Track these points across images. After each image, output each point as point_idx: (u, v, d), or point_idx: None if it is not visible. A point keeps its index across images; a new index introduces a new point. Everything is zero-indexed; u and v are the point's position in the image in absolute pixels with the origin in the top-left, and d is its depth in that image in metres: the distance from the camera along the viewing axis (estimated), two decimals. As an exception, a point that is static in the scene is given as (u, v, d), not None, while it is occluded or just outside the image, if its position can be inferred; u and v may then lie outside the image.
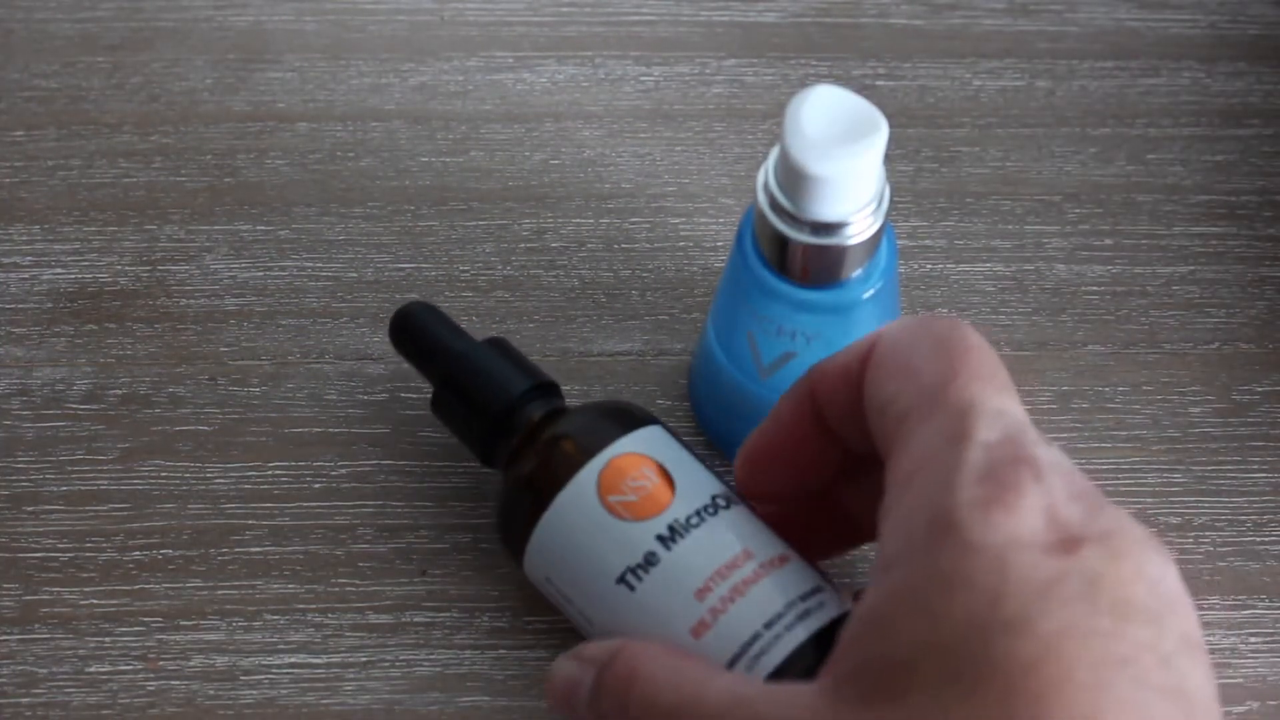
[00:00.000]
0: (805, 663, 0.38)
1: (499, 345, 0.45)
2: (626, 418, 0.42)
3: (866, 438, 0.37)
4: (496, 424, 0.44)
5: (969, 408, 0.33)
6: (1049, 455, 0.33)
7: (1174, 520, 0.47)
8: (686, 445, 0.43)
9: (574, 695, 0.38)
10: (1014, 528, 0.31)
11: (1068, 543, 0.32)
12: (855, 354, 0.37)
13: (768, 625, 0.38)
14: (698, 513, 0.40)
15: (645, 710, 0.35)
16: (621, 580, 0.40)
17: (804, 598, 0.39)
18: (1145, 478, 0.48)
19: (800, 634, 0.38)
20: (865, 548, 0.43)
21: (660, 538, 0.40)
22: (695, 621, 0.39)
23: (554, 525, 0.41)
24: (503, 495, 0.43)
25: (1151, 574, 0.32)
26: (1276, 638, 0.45)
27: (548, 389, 0.45)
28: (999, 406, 0.34)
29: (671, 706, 0.35)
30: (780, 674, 0.38)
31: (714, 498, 0.41)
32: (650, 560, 0.39)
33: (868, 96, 0.40)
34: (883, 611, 0.32)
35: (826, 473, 0.40)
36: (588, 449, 0.41)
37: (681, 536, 0.40)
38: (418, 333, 0.46)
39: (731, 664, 0.38)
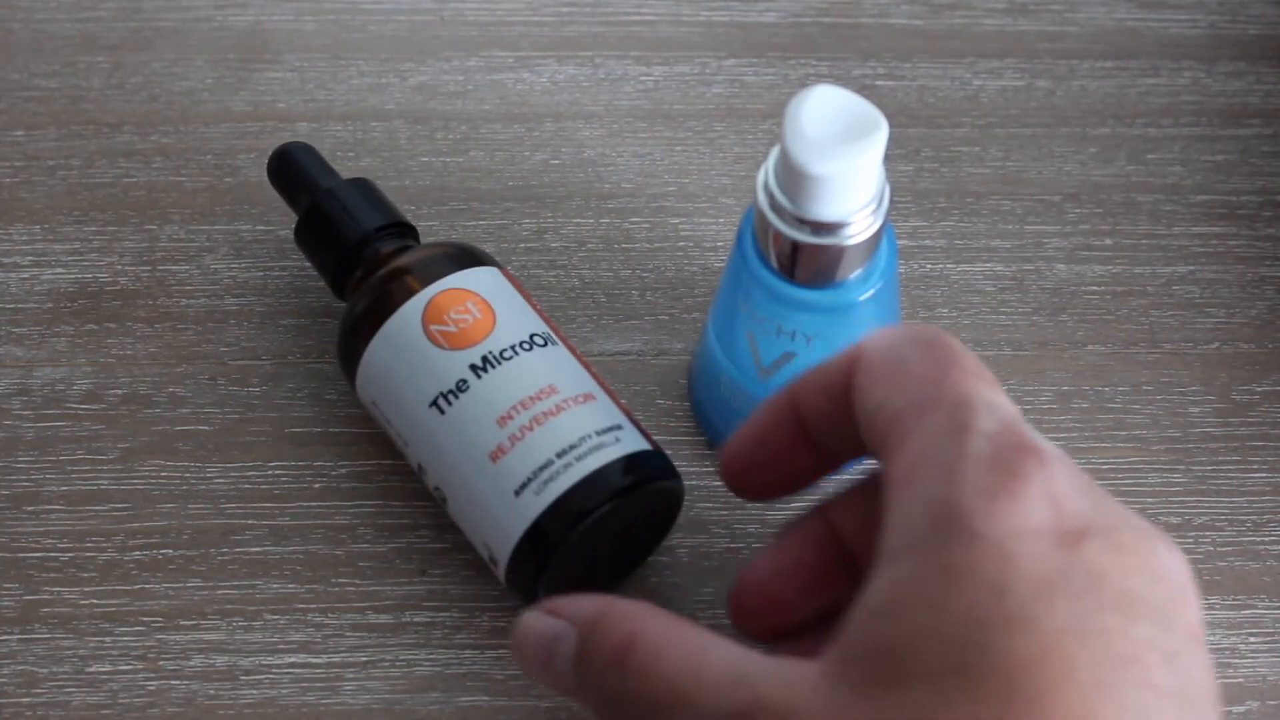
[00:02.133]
0: (590, 492, 0.41)
1: (364, 185, 0.48)
2: (466, 257, 0.45)
3: (852, 447, 0.37)
4: (349, 255, 0.46)
5: (965, 401, 0.33)
6: (1049, 446, 0.33)
7: (1174, 520, 0.47)
8: (527, 294, 0.45)
9: (552, 655, 0.35)
10: (1020, 518, 0.31)
11: (1073, 534, 0.31)
12: (838, 366, 0.37)
13: (560, 454, 0.41)
14: (513, 347, 0.43)
15: (643, 680, 0.33)
16: (434, 404, 0.42)
17: (600, 433, 0.42)
18: (1145, 478, 0.48)
19: (591, 464, 0.41)
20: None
21: (473, 366, 0.42)
22: (494, 447, 0.42)
23: (380, 350, 0.44)
24: (344, 320, 0.45)
25: (1157, 567, 0.32)
26: (1276, 638, 0.45)
27: (404, 229, 0.47)
28: (993, 400, 0.34)
29: (672, 677, 0.33)
30: (565, 500, 0.40)
31: (533, 335, 0.43)
32: (461, 387, 0.42)
33: (868, 96, 0.40)
34: (890, 599, 0.32)
35: (807, 477, 0.40)
36: (421, 280, 0.44)
37: (494, 367, 0.42)
38: (292, 169, 0.48)
39: (522, 488, 0.41)
